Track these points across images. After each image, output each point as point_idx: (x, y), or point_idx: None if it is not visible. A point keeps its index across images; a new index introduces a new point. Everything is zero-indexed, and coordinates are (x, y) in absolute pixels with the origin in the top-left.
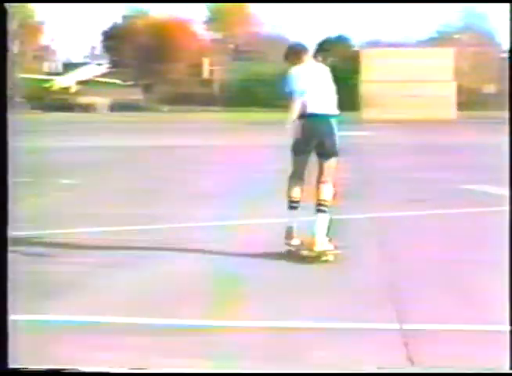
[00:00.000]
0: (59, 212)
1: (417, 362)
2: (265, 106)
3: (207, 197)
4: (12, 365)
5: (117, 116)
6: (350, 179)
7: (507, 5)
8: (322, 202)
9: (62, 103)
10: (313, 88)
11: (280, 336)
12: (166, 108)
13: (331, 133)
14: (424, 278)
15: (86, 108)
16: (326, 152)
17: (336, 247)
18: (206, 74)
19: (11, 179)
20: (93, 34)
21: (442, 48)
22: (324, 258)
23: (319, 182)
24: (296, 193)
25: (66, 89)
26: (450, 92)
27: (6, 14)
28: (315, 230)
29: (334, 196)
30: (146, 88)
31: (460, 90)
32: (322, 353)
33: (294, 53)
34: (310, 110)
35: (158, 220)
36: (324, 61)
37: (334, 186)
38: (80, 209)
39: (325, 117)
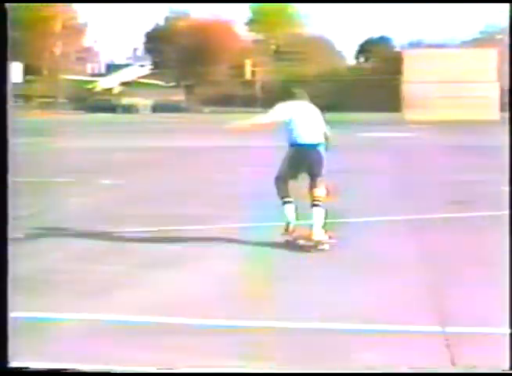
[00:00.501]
0: (100, 212)
1: (459, 363)
2: None
3: (248, 198)
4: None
5: (159, 117)
6: (390, 180)
7: (507, 5)
8: (317, 198)
9: (104, 104)
10: (304, 121)
11: (322, 337)
12: (207, 109)
13: (320, 159)
14: (466, 280)
15: (128, 109)
16: (314, 174)
17: (330, 237)
18: (247, 76)
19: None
20: (136, 35)
21: (485, 49)
22: (321, 247)
23: (312, 188)
24: (286, 191)
25: (108, 90)
26: (493, 92)
27: (6, 14)
28: (313, 222)
29: (327, 194)
30: (188, 90)
31: (504, 91)
32: (364, 355)
33: (293, 94)
34: (302, 140)
35: (198, 221)
36: (366, 62)
37: (326, 187)
38: (120, 209)
39: (314, 146)
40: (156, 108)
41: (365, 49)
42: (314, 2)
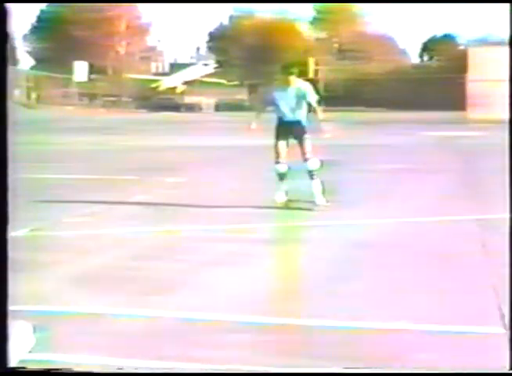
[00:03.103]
0: (163, 210)
1: None
2: (368, 106)
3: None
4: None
5: (222, 115)
6: (454, 180)
7: (507, 5)
8: None
9: (168, 103)
10: None
11: (383, 337)
12: (271, 108)
13: None
14: None
15: (191, 108)
16: None
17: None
18: (310, 74)
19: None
20: (199, 34)
21: None
22: None
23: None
24: None
25: (172, 89)
26: None
27: (6, 14)
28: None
29: None
30: (251, 88)
31: None
32: (423, 355)
33: None
34: None
35: (262, 218)
36: (430, 60)
37: None
38: (183, 207)
39: None
40: (219, 107)
41: (429, 47)
42: (376, 2)
